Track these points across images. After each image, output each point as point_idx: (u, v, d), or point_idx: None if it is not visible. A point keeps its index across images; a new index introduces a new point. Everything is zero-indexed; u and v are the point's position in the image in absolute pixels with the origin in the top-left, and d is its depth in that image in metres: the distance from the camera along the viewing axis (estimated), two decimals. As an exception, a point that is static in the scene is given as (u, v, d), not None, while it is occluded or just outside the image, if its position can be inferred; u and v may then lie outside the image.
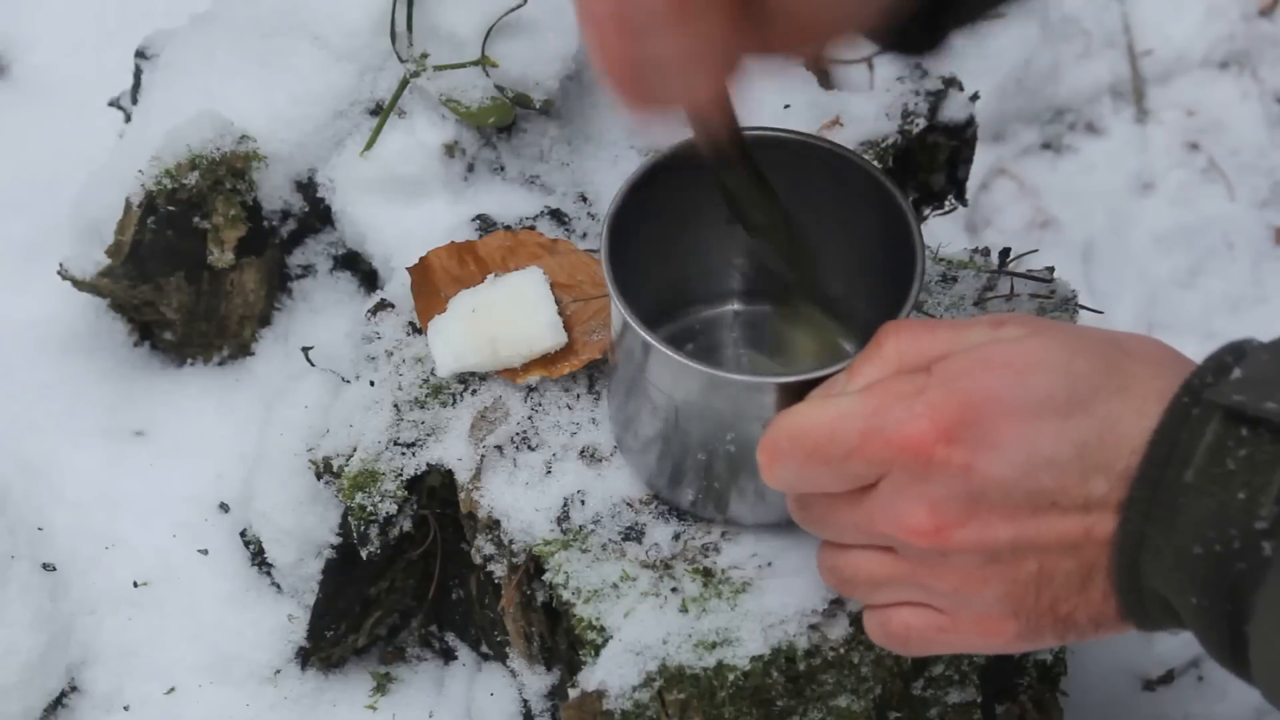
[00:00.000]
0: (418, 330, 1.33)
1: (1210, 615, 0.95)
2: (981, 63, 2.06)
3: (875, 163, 1.19)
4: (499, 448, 1.27)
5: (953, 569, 1.01)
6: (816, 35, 1.06)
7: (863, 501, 1.03)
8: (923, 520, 0.99)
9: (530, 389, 1.30)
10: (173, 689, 1.38)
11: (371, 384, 1.31)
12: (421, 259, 1.34)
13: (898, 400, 1.00)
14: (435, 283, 1.33)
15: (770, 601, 1.19)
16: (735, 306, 1.32)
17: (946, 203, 1.51)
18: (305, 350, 1.44)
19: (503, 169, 1.44)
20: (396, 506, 1.28)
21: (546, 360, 1.28)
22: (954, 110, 1.46)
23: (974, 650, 1.05)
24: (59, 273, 1.44)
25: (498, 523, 1.25)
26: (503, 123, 1.42)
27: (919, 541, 1.00)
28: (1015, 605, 1.01)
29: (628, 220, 1.18)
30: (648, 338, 1.13)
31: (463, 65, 1.40)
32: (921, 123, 1.44)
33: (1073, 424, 0.98)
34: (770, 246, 1.14)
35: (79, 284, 1.44)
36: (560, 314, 1.29)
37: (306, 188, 1.45)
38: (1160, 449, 0.96)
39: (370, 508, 1.28)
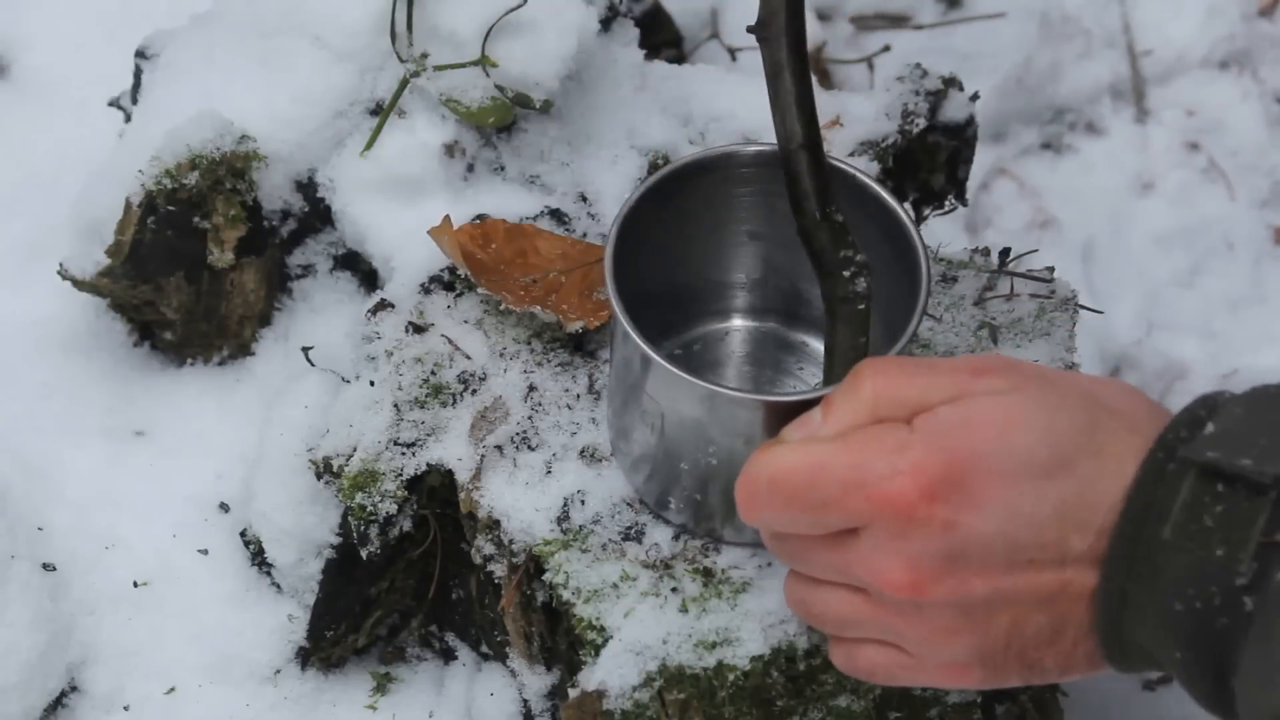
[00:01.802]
0: (418, 330, 1.34)
1: (1195, 669, 0.96)
2: (981, 63, 2.06)
3: (880, 179, 1.20)
4: (499, 448, 1.27)
5: (925, 620, 1.02)
6: None
7: (839, 546, 1.03)
8: (900, 575, 1.00)
9: (530, 389, 1.30)
10: (173, 689, 1.38)
11: (371, 384, 1.31)
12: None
13: (880, 455, 0.99)
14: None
15: (770, 601, 1.19)
16: (739, 323, 1.32)
17: (946, 203, 1.51)
18: (305, 350, 1.44)
19: (503, 169, 1.44)
20: (396, 506, 1.28)
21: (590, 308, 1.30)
22: (954, 110, 1.46)
23: (938, 687, 1.06)
24: (59, 273, 1.44)
25: (498, 523, 1.25)
26: (503, 123, 1.42)
27: (895, 594, 1.01)
28: (983, 656, 1.02)
29: (634, 232, 1.18)
30: (641, 344, 1.13)
31: (463, 65, 1.40)
32: (921, 123, 1.44)
33: (1053, 484, 0.98)
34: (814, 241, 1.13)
35: (79, 284, 1.44)
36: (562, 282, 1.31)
37: (306, 188, 1.45)
38: (1137, 506, 0.96)
39: (370, 508, 1.28)
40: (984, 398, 1.00)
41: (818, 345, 1.29)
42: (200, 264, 1.44)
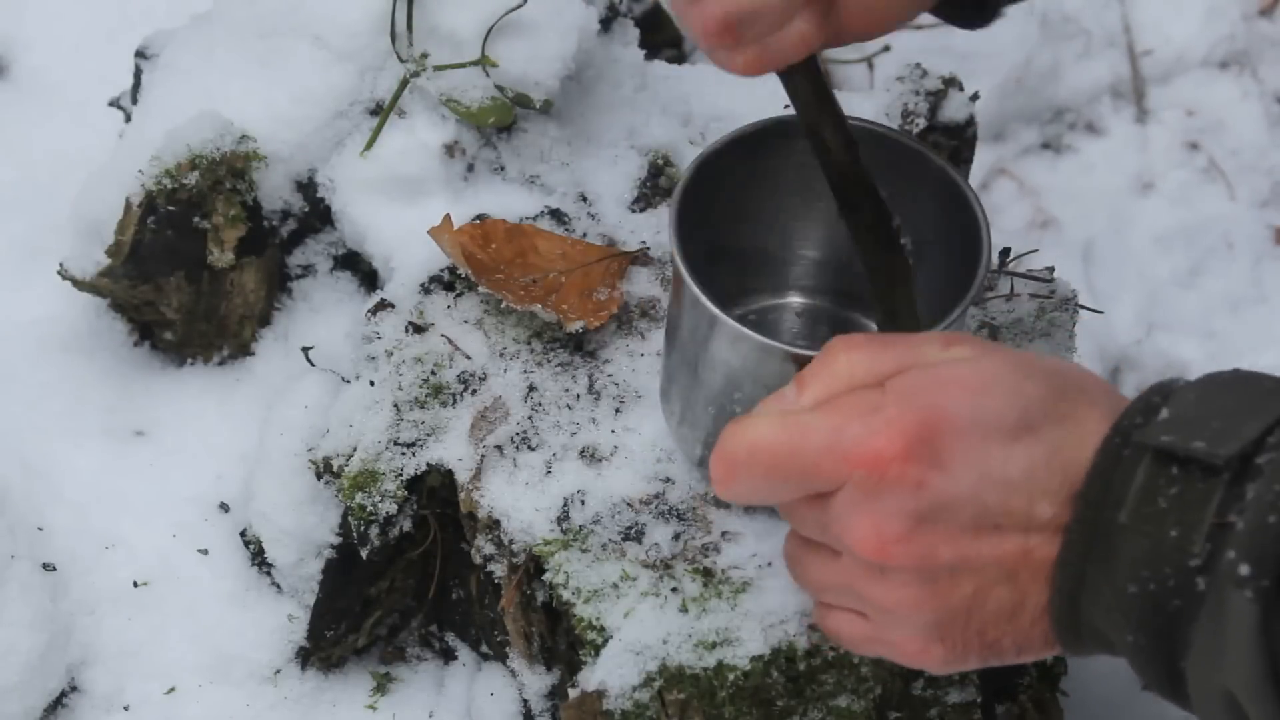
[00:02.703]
0: (418, 330, 1.34)
1: (1147, 652, 0.97)
2: (981, 63, 2.06)
3: (938, 155, 1.20)
4: (499, 448, 1.27)
5: (890, 586, 1.02)
6: (886, 20, 1.10)
7: (820, 504, 1.04)
8: (867, 533, 1.00)
9: (530, 389, 1.30)
10: (173, 689, 1.38)
11: (371, 384, 1.31)
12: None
13: (855, 417, 1.00)
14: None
15: (770, 601, 1.19)
16: (796, 299, 1.32)
17: (947, 203, 1.51)
18: (305, 350, 1.44)
19: (503, 169, 1.44)
20: (396, 506, 1.28)
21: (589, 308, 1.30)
22: (954, 110, 1.46)
23: (902, 664, 1.07)
24: (59, 273, 1.44)
25: (498, 523, 1.25)
26: (503, 123, 1.42)
27: (862, 554, 1.01)
28: (943, 631, 1.03)
29: (695, 194, 1.18)
30: (696, 291, 1.13)
31: (463, 65, 1.40)
32: (921, 123, 1.44)
33: (1021, 447, 0.99)
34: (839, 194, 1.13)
35: (79, 284, 1.45)
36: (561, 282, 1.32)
37: (306, 188, 1.45)
38: (1094, 490, 0.97)
39: (370, 508, 1.28)
40: (956, 362, 1.01)
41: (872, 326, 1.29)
42: (200, 264, 1.44)
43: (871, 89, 1.53)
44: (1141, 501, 0.95)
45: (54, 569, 1.40)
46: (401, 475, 1.28)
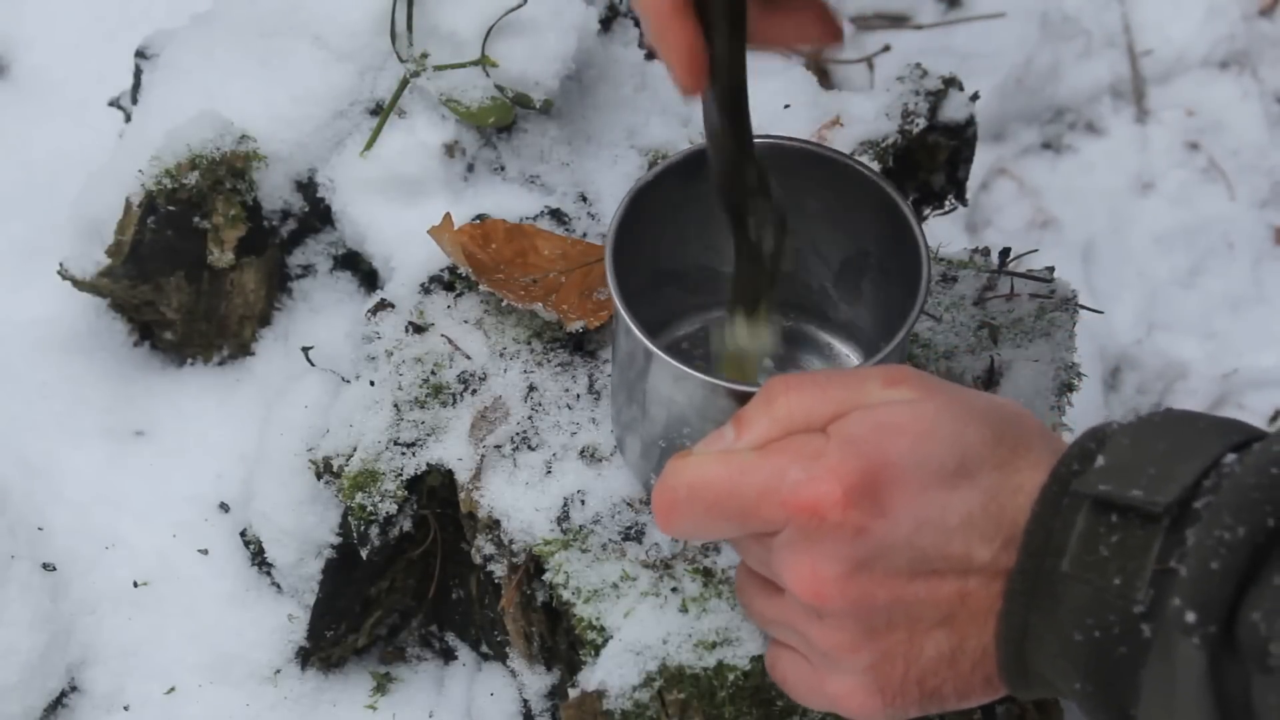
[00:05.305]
0: (418, 330, 1.34)
1: (1095, 699, 0.97)
2: (981, 63, 2.06)
3: (876, 168, 1.19)
4: (499, 448, 1.27)
5: (827, 629, 1.02)
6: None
7: (763, 541, 1.04)
8: (805, 576, 1.01)
9: (530, 389, 1.30)
10: (173, 689, 1.38)
11: (371, 384, 1.31)
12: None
13: (797, 461, 1.01)
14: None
15: (770, 601, 1.19)
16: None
17: (946, 203, 1.51)
18: (305, 350, 1.44)
19: (503, 169, 1.44)
20: (396, 506, 1.28)
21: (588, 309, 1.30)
22: (954, 110, 1.46)
23: (846, 716, 1.07)
24: (59, 273, 1.44)
25: (498, 523, 1.25)
26: (503, 123, 1.42)
27: (800, 596, 1.02)
28: (882, 681, 1.03)
29: (633, 225, 1.18)
30: (632, 325, 1.13)
31: (463, 65, 1.40)
32: (921, 122, 1.44)
33: (959, 494, 0.99)
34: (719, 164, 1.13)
35: (79, 284, 1.45)
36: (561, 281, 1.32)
37: (306, 188, 1.45)
38: (1035, 539, 0.98)
39: (370, 508, 1.28)
40: (898, 405, 1.01)
41: (842, 347, 1.29)
42: (200, 264, 1.44)
43: (871, 89, 1.53)
44: (1083, 550, 0.96)
45: (54, 569, 1.40)
46: (401, 475, 1.28)
